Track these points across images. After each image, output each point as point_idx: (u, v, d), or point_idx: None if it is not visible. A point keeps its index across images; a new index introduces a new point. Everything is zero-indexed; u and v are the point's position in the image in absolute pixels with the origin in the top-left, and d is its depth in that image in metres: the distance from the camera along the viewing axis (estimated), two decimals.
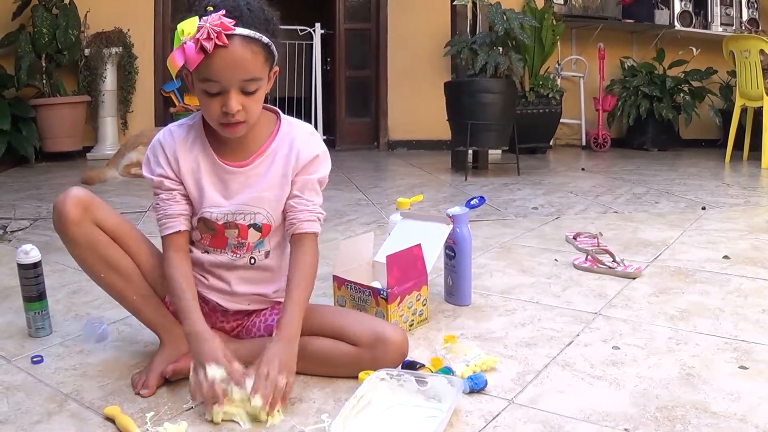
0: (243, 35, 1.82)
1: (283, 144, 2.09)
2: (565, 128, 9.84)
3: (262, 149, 2.08)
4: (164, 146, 2.06)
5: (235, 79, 1.86)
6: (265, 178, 2.07)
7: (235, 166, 2.06)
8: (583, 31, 9.81)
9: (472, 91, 6.58)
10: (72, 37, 7.81)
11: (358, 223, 4.33)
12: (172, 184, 2.05)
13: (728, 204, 4.98)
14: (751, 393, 1.93)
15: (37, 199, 5.27)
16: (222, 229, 2.08)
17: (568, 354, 2.23)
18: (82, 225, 1.99)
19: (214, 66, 1.83)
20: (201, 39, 1.77)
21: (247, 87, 1.89)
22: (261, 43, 1.87)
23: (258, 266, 2.15)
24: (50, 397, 1.95)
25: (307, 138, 2.13)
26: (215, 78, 1.85)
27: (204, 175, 2.05)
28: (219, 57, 1.81)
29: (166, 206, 2.05)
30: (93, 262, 2.05)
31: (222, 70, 1.84)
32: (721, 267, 3.25)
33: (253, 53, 1.85)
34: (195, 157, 2.06)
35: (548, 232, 4.05)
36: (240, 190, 2.06)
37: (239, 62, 1.84)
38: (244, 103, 1.90)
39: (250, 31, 1.84)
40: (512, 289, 2.94)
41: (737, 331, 2.41)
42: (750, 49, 7.39)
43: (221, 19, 1.78)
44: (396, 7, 9.47)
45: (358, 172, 7.10)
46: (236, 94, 1.88)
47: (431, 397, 1.84)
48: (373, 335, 2.00)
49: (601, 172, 7.18)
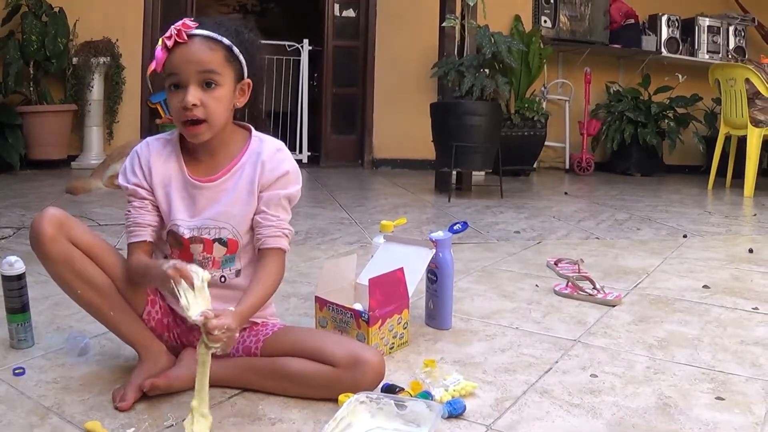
0: (203, 35, 1.96)
1: (251, 160, 2.12)
2: (549, 151, 9.89)
3: (231, 165, 2.11)
4: (140, 157, 2.12)
5: (192, 71, 1.95)
6: (232, 193, 2.09)
7: (203, 181, 2.09)
8: (570, 55, 9.88)
9: (458, 112, 6.60)
10: (60, 46, 7.80)
11: (341, 242, 4.34)
12: (145, 193, 2.09)
13: (710, 232, 5.01)
14: (726, 424, 1.94)
15: (21, 208, 5.24)
16: (188, 244, 2.09)
17: (547, 381, 2.24)
18: (57, 242, 1.99)
19: (174, 60, 1.95)
20: (164, 38, 1.94)
21: (206, 78, 1.97)
22: (221, 43, 1.98)
23: (229, 285, 2.15)
24: (32, 410, 1.94)
25: (273, 153, 2.13)
26: (175, 71, 1.96)
27: (174, 189, 2.10)
28: (178, 51, 1.95)
29: (138, 215, 2.09)
30: (69, 278, 2.04)
31: (180, 63, 1.95)
32: (700, 296, 3.27)
33: (210, 49, 1.96)
34: (167, 170, 2.11)
35: (530, 257, 4.06)
36: (207, 205, 2.09)
37: (195, 55, 1.95)
38: (203, 98, 1.97)
39: (210, 32, 1.97)
40: (493, 314, 2.95)
41: (715, 361, 2.43)
42: (736, 77, 7.44)
43: (183, 20, 1.95)
44: (385, 26, 9.49)
45: (342, 190, 7.09)
46: (194, 88, 1.96)
47: (410, 421, 1.84)
48: (351, 356, 2.00)
49: (584, 196, 7.22)
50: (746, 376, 2.30)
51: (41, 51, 7.69)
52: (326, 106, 9.80)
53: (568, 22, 9.57)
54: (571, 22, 9.58)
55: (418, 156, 9.24)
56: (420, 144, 8.26)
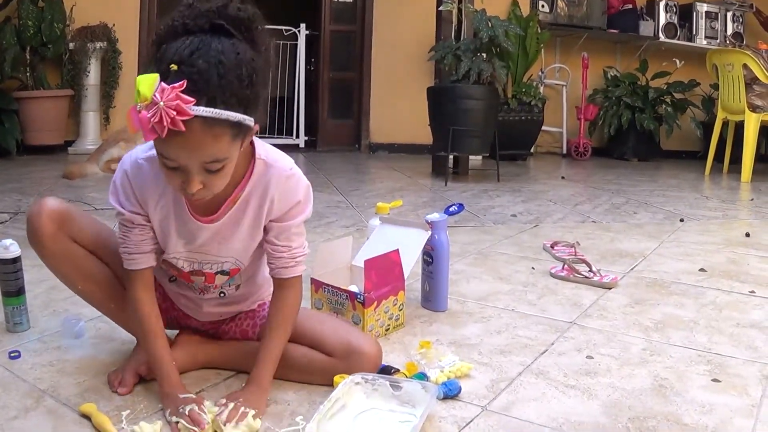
0: (204, 117, 1.56)
1: (257, 191, 1.89)
2: (546, 136, 9.88)
3: (234, 195, 1.89)
4: (133, 186, 1.86)
5: (195, 162, 1.63)
6: (235, 229, 1.93)
7: (205, 221, 1.90)
8: (568, 40, 9.85)
9: (455, 96, 6.60)
10: (57, 31, 7.81)
11: (337, 226, 4.34)
12: (142, 219, 1.90)
13: (706, 216, 5.01)
14: (723, 406, 1.95)
15: (18, 193, 5.26)
16: (188, 275, 2.03)
17: (542, 362, 2.24)
18: (57, 241, 1.96)
19: (170, 148, 1.61)
20: (153, 122, 1.52)
21: (210, 167, 1.65)
22: (228, 123, 1.60)
23: (229, 297, 2.13)
24: (27, 392, 1.94)
25: (284, 184, 1.90)
26: (171, 157, 1.64)
27: (172, 224, 1.91)
28: (174, 140, 1.57)
29: (137, 240, 1.91)
30: (69, 272, 2.04)
31: (179, 153, 1.62)
32: (697, 279, 3.27)
33: (214, 136, 1.60)
34: (165, 206, 1.89)
35: (526, 240, 4.06)
36: (208, 242, 1.94)
37: (198, 146, 1.60)
38: (207, 181, 1.69)
39: (214, 111, 1.56)
40: (488, 296, 2.95)
41: (711, 344, 2.43)
42: (733, 63, 7.43)
43: (177, 100, 1.51)
44: (382, 10, 9.48)
45: (339, 174, 7.11)
46: (198, 173, 1.66)
47: (405, 402, 1.84)
48: (347, 347, 1.99)
49: (581, 181, 7.21)
50: (742, 359, 2.30)
51: (38, 36, 7.70)
52: (323, 91, 9.81)
53: (565, 7, 9.54)
54: (568, 7, 9.55)
55: (415, 140, 9.21)
56: (417, 128, 8.24)
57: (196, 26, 1.63)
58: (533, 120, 8.72)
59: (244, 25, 1.67)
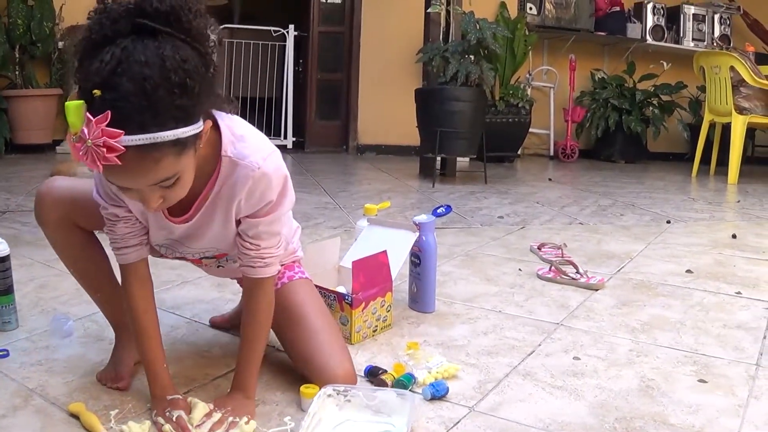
0: (137, 146, 1.42)
1: (225, 191, 1.79)
2: (533, 138, 9.89)
3: (205, 193, 1.80)
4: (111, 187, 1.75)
5: (143, 185, 1.53)
6: (207, 228, 1.88)
7: (178, 221, 1.85)
8: (556, 42, 9.88)
9: (443, 98, 6.61)
10: (46, 29, 7.79)
11: (324, 227, 4.34)
12: (126, 212, 1.85)
13: (693, 218, 5.03)
14: (709, 406, 1.96)
15: (6, 191, 5.26)
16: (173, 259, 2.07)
17: (529, 363, 2.25)
18: (60, 228, 1.98)
19: (113, 177, 1.51)
20: (86, 162, 1.42)
21: (164, 184, 1.54)
22: (166, 144, 1.45)
23: (228, 266, 2.13)
24: (15, 391, 1.94)
25: (252, 185, 1.75)
26: (119, 185, 1.55)
27: (150, 219, 1.87)
28: (114, 171, 1.45)
29: (124, 233, 1.86)
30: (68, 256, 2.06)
31: (123, 182, 1.53)
32: (683, 281, 3.28)
33: (155, 160, 1.46)
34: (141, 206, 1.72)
35: (513, 242, 4.07)
36: (184, 237, 1.92)
37: (140, 173, 1.48)
38: (165, 194, 1.59)
39: (147, 137, 1.42)
40: (476, 297, 2.96)
41: (698, 345, 2.44)
42: (720, 65, 7.46)
43: (104, 136, 1.38)
44: (370, 12, 9.49)
45: (327, 176, 7.10)
46: (152, 192, 1.56)
47: (380, 411, 1.81)
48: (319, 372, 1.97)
49: (568, 182, 7.23)
50: (729, 359, 2.31)
51: (27, 35, 7.69)
52: (311, 92, 9.82)
53: (553, 9, 9.57)
54: (556, 9, 9.58)
55: (403, 142, 9.24)
56: (405, 130, 8.27)
57: (116, 32, 1.48)
58: (521, 122, 8.73)
59: (171, 17, 1.48)
